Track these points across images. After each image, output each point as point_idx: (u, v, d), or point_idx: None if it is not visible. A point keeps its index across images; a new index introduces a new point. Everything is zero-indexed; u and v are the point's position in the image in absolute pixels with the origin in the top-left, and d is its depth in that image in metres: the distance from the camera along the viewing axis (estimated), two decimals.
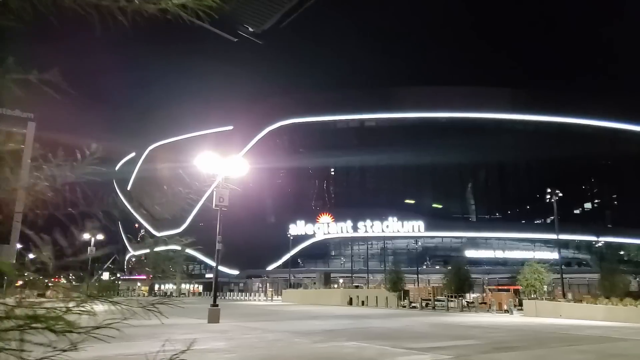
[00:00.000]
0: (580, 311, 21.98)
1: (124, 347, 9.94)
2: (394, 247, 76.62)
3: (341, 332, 15.16)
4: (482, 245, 76.48)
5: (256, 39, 5.62)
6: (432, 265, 72.87)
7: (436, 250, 76.36)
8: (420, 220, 72.53)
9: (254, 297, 66.08)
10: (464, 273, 35.16)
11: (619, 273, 30.66)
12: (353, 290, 47.50)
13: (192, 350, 8.41)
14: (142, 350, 10.07)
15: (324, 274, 73.24)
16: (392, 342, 11.75)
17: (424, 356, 9.45)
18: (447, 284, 35.41)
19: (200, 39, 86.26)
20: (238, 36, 5.50)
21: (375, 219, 73.36)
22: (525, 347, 11.00)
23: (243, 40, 5.60)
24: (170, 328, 16.19)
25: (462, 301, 32.57)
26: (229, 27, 5.41)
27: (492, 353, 10.08)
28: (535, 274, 29.21)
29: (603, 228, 75.01)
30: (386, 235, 73.50)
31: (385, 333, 14.89)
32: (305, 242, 75.85)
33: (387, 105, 78.91)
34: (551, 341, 12.46)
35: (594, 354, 10.06)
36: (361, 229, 74.09)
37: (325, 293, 48.09)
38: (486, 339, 13.10)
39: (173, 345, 8.97)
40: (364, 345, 11.16)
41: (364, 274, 67.13)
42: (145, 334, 12.98)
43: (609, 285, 28.74)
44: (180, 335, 13.65)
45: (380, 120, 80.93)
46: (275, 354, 10.00)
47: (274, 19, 5.45)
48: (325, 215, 77.10)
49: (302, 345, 11.38)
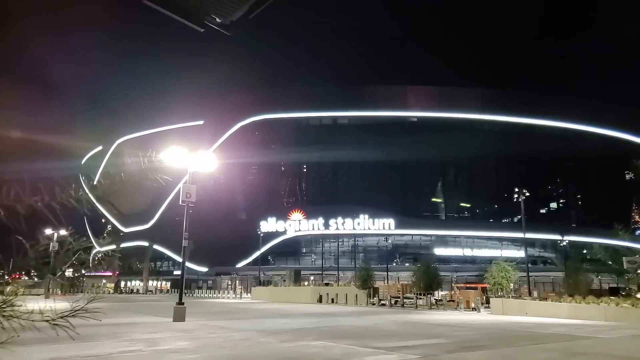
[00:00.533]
0: (546, 309, 22.36)
1: (81, 348, 9.49)
2: (364, 245, 77.05)
3: (309, 330, 14.96)
4: (451, 243, 77.65)
5: (224, 30, 5.38)
6: (402, 263, 73.56)
7: (406, 248, 77.11)
8: (391, 218, 73.10)
9: (222, 294, 65.29)
10: (432, 271, 35.46)
11: (582, 272, 31.50)
12: (323, 287, 47.38)
13: (154, 350, 7.99)
14: (101, 351, 9.64)
15: (294, 272, 72.82)
16: (359, 341, 11.61)
17: (391, 356, 9.32)
18: (416, 282, 35.66)
19: (168, 29, 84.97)
20: (205, 27, 5.25)
21: (346, 216, 73.57)
22: (492, 346, 11.01)
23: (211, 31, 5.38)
24: (133, 327, 15.70)
25: (430, 299, 32.83)
26: (195, 16, 5.16)
27: (459, 352, 10.03)
28: (503, 273, 29.66)
29: (568, 227, 77.15)
30: (357, 233, 73.81)
31: (353, 332, 14.76)
32: (276, 239, 75.48)
33: (359, 103, 79.15)
34: (518, 340, 12.54)
35: (559, 352, 10.13)
36: (332, 226, 74.20)
37: (295, 291, 47.83)
38: (454, 337, 13.10)
39: (135, 345, 8.50)
40: (331, 345, 10.98)
41: (335, 271, 67.21)
42: (106, 334, 12.52)
43: (572, 283, 29.48)
44: (143, 335, 13.20)
45: (352, 117, 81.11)
46: (241, 354, 9.72)
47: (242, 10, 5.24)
48: (296, 212, 76.87)
49: (269, 345, 11.13)
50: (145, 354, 9.49)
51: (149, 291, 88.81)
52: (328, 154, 78.50)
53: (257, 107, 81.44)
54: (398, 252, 76.83)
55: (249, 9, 6.97)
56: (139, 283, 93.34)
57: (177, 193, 21.96)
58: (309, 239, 79.16)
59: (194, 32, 4.75)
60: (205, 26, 6.82)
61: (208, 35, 4.91)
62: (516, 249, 71.48)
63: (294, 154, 79.57)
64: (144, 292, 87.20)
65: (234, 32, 7.07)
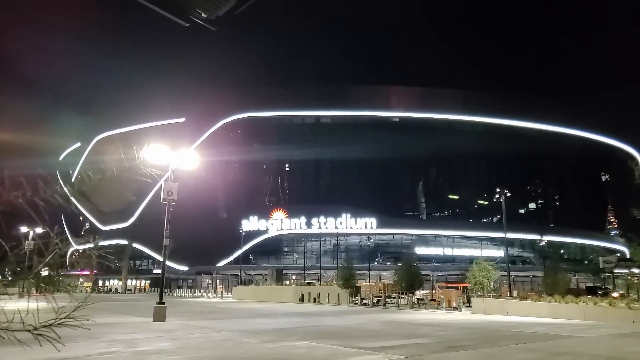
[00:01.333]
0: (526, 308, 22.58)
1: (55, 350, 9.12)
2: (347, 244, 77.19)
3: (292, 331, 14.82)
4: (432, 243, 78.27)
5: (210, 25, 5.27)
6: (384, 262, 73.89)
7: (388, 247, 77.50)
8: (373, 217, 73.34)
9: (203, 294, 64.69)
10: (414, 270, 35.58)
11: (560, 271, 31.95)
12: (305, 287, 47.27)
13: (133, 351, 7.71)
14: (78, 352, 9.35)
15: (276, 271, 72.55)
16: (344, 342, 11.52)
17: (376, 356, 9.24)
18: (398, 281, 35.74)
19: (150, 23, 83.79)
20: (190, 21, 5.13)
21: (329, 215, 73.59)
22: (476, 346, 11.02)
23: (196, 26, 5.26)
24: (112, 327, 15.34)
25: (412, 298, 32.96)
26: (180, 10, 5.04)
27: (443, 352, 10.01)
28: (484, 272, 29.89)
29: (546, 227, 78.41)
30: (339, 232, 73.90)
31: (337, 332, 14.66)
32: (257, 238, 75.12)
33: (342, 102, 79.25)
34: (500, 339, 12.59)
35: (541, 352, 10.17)
36: (315, 225, 74.12)
37: (277, 290, 47.62)
38: (437, 337, 13.10)
39: (113, 346, 8.20)
40: (315, 345, 10.87)
41: (317, 270, 67.15)
42: (83, 335, 12.10)
43: (551, 283, 29.88)
44: (122, 336, 12.90)
45: (335, 117, 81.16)
46: (223, 355, 9.53)
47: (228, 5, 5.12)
48: (278, 211, 76.59)
49: (251, 346, 10.96)
50: (124, 355, 9.25)
51: (128, 290, 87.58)
52: (310, 153, 78.42)
53: (240, 105, 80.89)
54: (380, 251, 77.17)
55: (235, 4, 6.74)
56: (118, 282, 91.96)
57: (158, 191, 21.61)
58: (291, 238, 78.96)
59: (176, 27, 4.56)
60: (190, 21, 6.58)
61: (191, 31, 4.75)
62: (496, 249, 72.40)
63: (277, 153, 79.28)
64: (123, 291, 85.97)
65: (219, 27, 6.84)
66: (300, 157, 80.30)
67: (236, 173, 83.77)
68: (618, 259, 45.56)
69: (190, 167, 21.23)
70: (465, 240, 78.55)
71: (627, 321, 17.85)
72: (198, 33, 3.83)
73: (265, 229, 75.64)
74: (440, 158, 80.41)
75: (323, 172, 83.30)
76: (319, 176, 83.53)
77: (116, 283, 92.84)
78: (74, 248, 5.60)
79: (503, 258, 48.77)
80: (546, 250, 71.68)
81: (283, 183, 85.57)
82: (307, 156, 79.55)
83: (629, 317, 18.00)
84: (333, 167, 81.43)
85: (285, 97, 79.87)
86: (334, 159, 79.26)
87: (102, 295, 68.68)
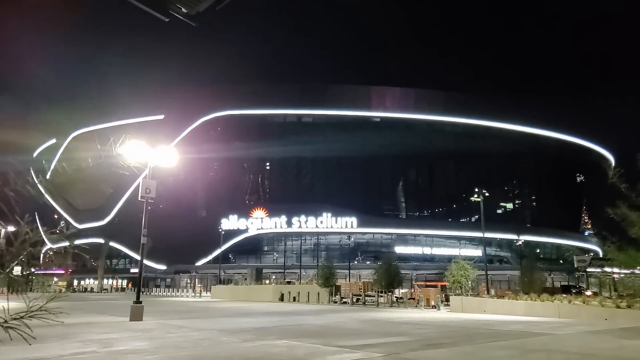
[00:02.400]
0: (503, 307, 22.90)
1: (27, 350, 8.87)
2: (327, 243, 77.28)
3: (272, 329, 14.75)
4: (411, 242, 78.87)
5: (190, 21, 5.16)
6: (364, 261, 74.21)
7: (368, 246, 77.84)
8: (354, 217, 73.57)
9: (181, 293, 64.10)
10: (394, 269, 35.80)
11: (537, 270, 32.50)
12: (285, 286, 47.18)
13: (109, 351, 7.56)
14: (51, 353, 9.13)
15: (255, 270, 72.36)
16: (323, 340, 11.51)
17: (356, 354, 9.25)
18: (378, 280, 35.93)
19: (129, 17, 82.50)
20: (170, 16, 5.01)
21: (309, 214, 73.56)
22: (454, 344, 11.12)
23: (176, 21, 5.13)
24: (87, 327, 15.06)
25: (391, 297, 33.16)
26: (160, 5, 4.92)
27: (422, 350, 10.07)
28: (462, 271, 30.24)
29: (523, 227, 79.68)
30: (320, 231, 73.96)
31: (316, 330, 14.65)
32: (237, 237, 74.69)
33: (324, 101, 79.32)
34: (477, 337, 12.73)
35: (517, 349, 10.31)
36: (295, 225, 74.02)
37: (256, 289, 47.44)
38: (416, 335, 13.19)
39: (88, 346, 8.01)
40: (294, 344, 10.83)
41: (297, 269, 67.12)
42: (56, 335, 11.88)
43: (527, 281, 30.37)
44: (98, 335, 12.66)
45: (316, 116, 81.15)
46: (201, 354, 9.42)
47: (209, 1, 5.01)
48: (259, 209, 76.26)
49: (230, 345, 10.87)
50: (99, 355, 9.07)
51: (104, 290, 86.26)
52: (292, 152, 78.28)
53: (220, 103, 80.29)
54: (360, 250, 77.46)
55: (215, 0, 6.60)
56: (94, 281, 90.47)
57: (136, 189, 21.29)
58: (271, 237, 78.71)
59: (156, 22, 4.47)
60: (170, 16, 6.44)
61: (171, 27, 4.67)
62: (474, 248, 73.35)
63: (257, 151, 78.90)
64: (99, 290, 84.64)
65: (200, 23, 6.71)
66: (281, 155, 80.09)
67: (216, 171, 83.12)
68: (591, 259, 46.63)
69: (169, 164, 20.97)
70: (444, 240, 79.38)
71: (600, 319, 18.23)
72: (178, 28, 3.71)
73: (245, 228, 75.24)
74: (420, 158, 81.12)
75: (304, 171, 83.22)
76: (299, 175, 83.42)
77: (92, 282, 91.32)
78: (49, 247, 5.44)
79: (481, 257, 49.52)
80: (523, 249, 72.89)
81: (264, 182, 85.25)
82: (288, 155, 79.38)
83: (601, 315, 18.39)
84: (314, 166, 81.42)
85: (267, 95, 79.55)
86: (315, 158, 79.27)
87: (78, 294, 67.44)
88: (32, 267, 2.40)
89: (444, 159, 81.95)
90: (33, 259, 2.79)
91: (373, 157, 77.52)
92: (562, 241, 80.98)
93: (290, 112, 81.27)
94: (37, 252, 3.00)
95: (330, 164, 78.89)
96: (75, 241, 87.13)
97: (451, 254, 60.26)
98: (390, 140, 75.35)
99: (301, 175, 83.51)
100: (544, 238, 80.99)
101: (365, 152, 76.20)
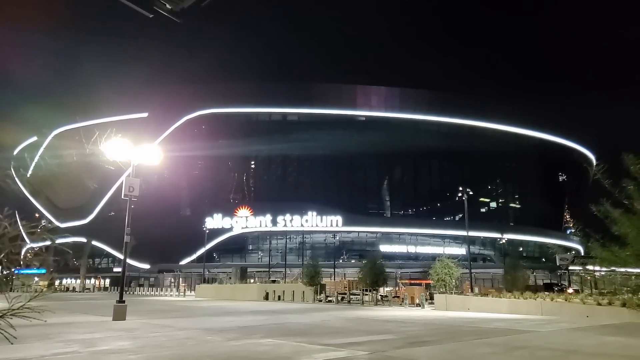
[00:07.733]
0: (487, 305, 23.11)
1: (7, 351, 8.68)
2: (312, 242, 77.24)
3: (257, 328, 14.68)
4: (396, 241, 79.23)
5: (174, 17, 5.07)
6: (349, 260, 74.35)
7: (353, 245, 78.01)
8: (339, 215, 73.67)
9: (165, 292, 63.56)
10: (378, 267, 35.93)
11: (520, 268, 32.91)
12: (270, 285, 47.06)
13: (92, 351, 7.43)
14: (32, 353, 8.96)
15: (240, 269, 72.07)
16: (308, 338, 11.48)
17: (341, 352, 9.24)
18: (363, 278, 36.04)
19: (112, 13, 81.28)
20: (154, 12, 4.92)
21: (294, 213, 73.47)
22: (438, 341, 11.18)
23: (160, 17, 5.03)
24: (69, 327, 14.82)
25: (376, 295, 33.26)
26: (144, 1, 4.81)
27: (406, 348, 10.09)
28: (446, 269, 30.44)
29: (506, 226, 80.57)
30: (305, 230, 73.89)
31: (301, 329, 14.63)
32: (222, 235, 74.29)
33: (309, 100, 79.23)
34: (462, 335, 12.82)
35: (501, 346, 10.40)
36: (280, 223, 73.87)
37: (241, 288, 47.25)
38: (401, 333, 13.23)
39: (70, 346, 7.87)
40: (280, 342, 10.79)
41: (282, 268, 66.97)
42: (37, 335, 11.67)
43: (511, 279, 30.73)
44: (80, 335, 12.46)
45: (302, 114, 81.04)
46: (185, 354, 9.33)
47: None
48: (243, 208, 75.95)
49: (215, 344, 10.78)
50: (81, 355, 8.92)
51: (87, 289, 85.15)
52: (277, 151, 78.10)
53: (205, 101, 79.70)
54: (345, 248, 77.59)
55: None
56: (76, 281, 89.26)
57: (119, 187, 21.04)
58: (256, 236, 78.43)
59: (139, 18, 4.36)
60: (154, 12, 6.34)
61: (155, 23, 4.59)
62: (458, 246, 73.95)
63: (242, 150, 78.54)
64: (81, 290, 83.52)
65: (184, 19, 6.60)
66: (266, 154, 79.86)
67: (200, 170, 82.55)
68: (573, 257, 47.31)
69: (153, 163, 20.75)
70: (429, 238, 79.90)
71: (581, 316, 18.50)
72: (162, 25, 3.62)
73: (230, 227, 74.86)
74: (405, 157, 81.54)
75: (289, 170, 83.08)
76: (285, 174, 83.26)
77: (74, 282, 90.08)
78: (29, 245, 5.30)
79: (465, 256, 49.93)
80: (506, 248, 73.71)
81: (248, 180, 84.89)
82: (273, 153, 79.19)
83: (583, 312, 18.67)
84: (299, 165, 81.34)
85: (252, 93, 79.20)
86: (300, 156, 79.19)
87: (59, 294, 66.43)
88: (12, 264, 2.32)
89: (429, 158, 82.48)
90: (13, 254, 2.70)
91: (358, 156, 77.72)
92: (544, 239, 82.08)
93: (276, 111, 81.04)
94: (17, 248, 2.92)
95: (316, 163, 78.89)
96: (57, 240, 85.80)
97: (435, 252, 60.66)
98: (375, 139, 75.60)
99: (286, 173, 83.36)
100: (527, 236, 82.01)
101: (350, 150, 76.34)
